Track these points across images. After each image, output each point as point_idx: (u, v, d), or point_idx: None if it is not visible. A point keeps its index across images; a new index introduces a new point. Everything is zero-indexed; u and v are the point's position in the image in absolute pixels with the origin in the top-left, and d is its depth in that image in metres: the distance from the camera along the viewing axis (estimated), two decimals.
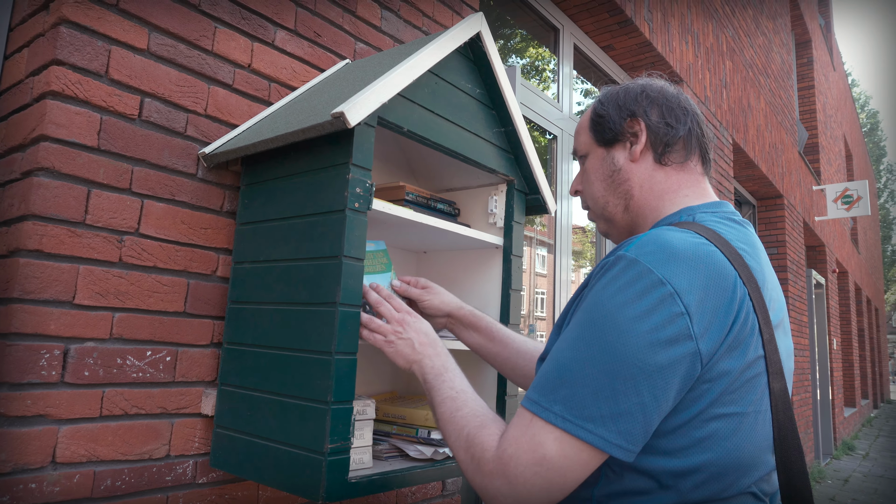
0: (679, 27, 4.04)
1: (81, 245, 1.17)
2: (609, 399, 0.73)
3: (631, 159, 0.98)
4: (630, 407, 0.72)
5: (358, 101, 1.11)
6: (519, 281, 1.57)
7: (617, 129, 0.99)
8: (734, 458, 0.77)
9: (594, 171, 1.02)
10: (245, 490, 1.40)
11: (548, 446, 0.74)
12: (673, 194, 0.96)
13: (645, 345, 0.72)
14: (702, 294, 0.75)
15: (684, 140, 0.97)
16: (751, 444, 0.78)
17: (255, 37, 1.50)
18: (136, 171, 1.26)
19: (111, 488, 1.18)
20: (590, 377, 0.74)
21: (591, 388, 0.73)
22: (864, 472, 7.44)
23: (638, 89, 1.00)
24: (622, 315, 0.74)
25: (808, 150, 9.25)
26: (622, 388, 0.72)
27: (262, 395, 1.21)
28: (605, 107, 1.01)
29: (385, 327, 1.14)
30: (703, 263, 0.76)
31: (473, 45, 1.45)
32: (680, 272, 0.75)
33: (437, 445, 1.34)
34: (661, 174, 0.97)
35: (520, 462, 0.75)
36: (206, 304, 1.36)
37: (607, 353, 0.74)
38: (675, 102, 0.98)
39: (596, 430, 0.73)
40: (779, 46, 7.10)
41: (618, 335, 0.73)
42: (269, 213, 1.30)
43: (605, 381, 0.73)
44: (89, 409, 1.16)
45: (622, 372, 0.72)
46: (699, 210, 0.92)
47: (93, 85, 1.19)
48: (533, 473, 0.74)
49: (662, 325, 0.73)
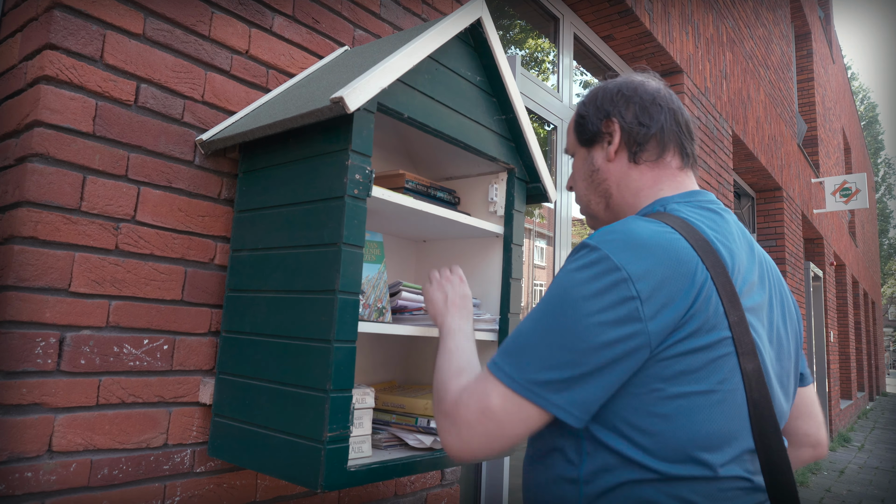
0: (679, 17, 4.02)
1: (77, 232, 1.15)
2: (556, 367, 0.80)
3: (607, 159, 1.01)
4: (575, 375, 0.79)
5: (357, 86, 1.09)
6: (520, 270, 1.56)
7: (594, 130, 1.02)
8: (704, 434, 0.80)
9: (578, 170, 1.07)
10: (243, 479, 1.39)
11: (493, 399, 0.82)
12: (648, 190, 0.99)
13: (594, 323, 0.79)
14: (657, 280, 0.79)
15: (657, 137, 0.99)
16: (720, 421, 0.81)
17: (252, 23, 1.48)
18: (132, 158, 1.24)
19: (108, 477, 1.17)
20: (541, 346, 0.81)
21: (541, 355, 0.81)
22: (860, 464, 7.48)
23: (615, 89, 1.02)
24: (576, 294, 0.81)
25: (807, 142, 9.24)
26: (569, 358, 0.79)
27: (260, 383, 1.20)
28: (586, 107, 1.04)
29: (435, 275, 1.23)
30: (661, 250, 0.81)
31: (474, 31, 1.44)
32: (636, 259, 0.80)
33: (437, 435, 1.33)
34: (635, 172, 1.00)
35: (468, 408, 0.84)
36: (204, 293, 1.35)
37: (559, 326, 0.81)
38: (650, 100, 0.99)
39: (538, 391, 0.80)
40: (778, 38, 7.08)
41: (571, 312, 0.80)
42: (268, 201, 1.28)
43: (555, 351, 0.80)
44: (86, 397, 1.15)
45: (570, 345, 0.79)
46: (672, 200, 0.95)
47: (87, 70, 1.18)
48: (476, 420, 0.83)
49: (612, 307, 0.78)
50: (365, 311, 1.31)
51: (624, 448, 0.82)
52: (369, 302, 1.32)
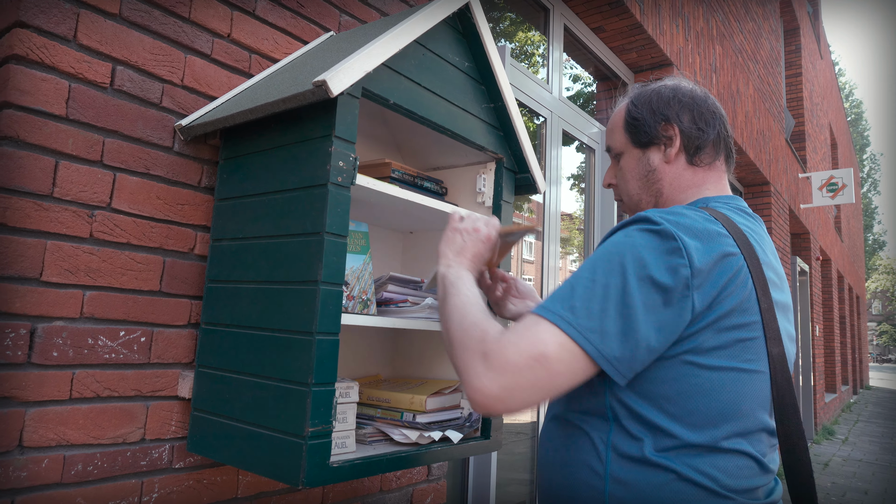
0: (670, 10, 4.00)
1: (49, 219, 1.11)
2: (613, 318, 0.80)
3: (666, 161, 1.05)
4: (628, 329, 0.80)
5: (341, 70, 1.05)
6: (508, 262, 1.53)
7: (652, 133, 1.05)
8: (728, 407, 0.85)
9: (630, 170, 1.08)
10: (224, 475, 1.36)
11: (549, 345, 0.79)
12: (696, 189, 1.05)
13: (652, 283, 0.81)
14: (703, 256, 0.83)
15: (713, 143, 1.05)
16: (745, 397, 0.86)
17: (235, 5, 1.43)
18: (107, 143, 1.20)
19: (82, 473, 1.13)
20: (598, 297, 0.81)
21: (599, 307, 0.80)
22: (844, 457, 7.56)
23: (669, 93, 1.05)
24: (638, 252, 0.83)
25: (795, 137, 9.28)
26: (626, 312, 0.80)
27: (241, 377, 1.17)
28: (639, 110, 1.06)
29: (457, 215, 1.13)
30: (708, 234, 0.86)
31: (462, 17, 1.40)
32: (687, 235, 0.84)
33: (423, 429, 1.31)
34: (688, 173, 1.05)
35: (519, 350, 0.79)
36: (183, 283, 1.31)
37: (617, 280, 0.81)
38: (705, 107, 1.05)
39: (595, 341, 0.79)
40: (768, 33, 7.09)
41: (632, 266, 0.82)
42: (249, 189, 1.24)
43: (612, 303, 0.80)
44: (58, 391, 1.11)
45: (628, 300, 0.80)
46: (713, 200, 1.01)
47: (60, 50, 1.13)
48: (526, 365, 0.78)
49: (669, 270, 0.81)
50: (349, 303, 1.27)
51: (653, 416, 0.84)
52: (354, 294, 1.29)
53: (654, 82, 1.10)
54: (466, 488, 2.47)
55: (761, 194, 6.73)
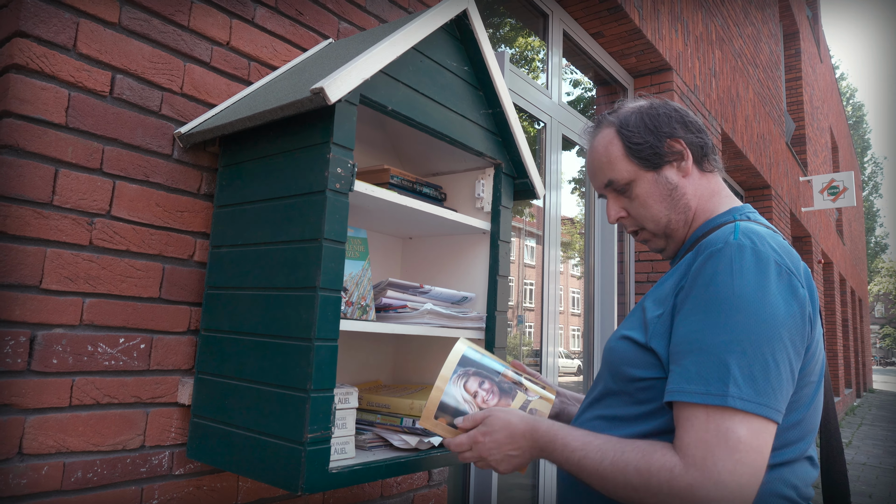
0: (669, 15, 4.01)
1: (48, 227, 1.11)
2: (773, 371, 0.78)
3: (683, 175, 1.04)
4: (785, 374, 0.79)
5: (338, 77, 1.06)
6: (507, 267, 1.54)
7: (661, 153, 1.03)
8: (812, 420, 0.88)
9: (650, 194, 1.04)
10: (224, 481, 1.36)
11: (739, 431, 0.75)
12: (718, 195, 1.05)
13: (786, 316, 0.79)
14: (805, 279, 0.85)
15: (712, 147, 1.07)
16: (818, 409, 0.89)
17: (233, 13, 1.44)
18: (107, 151, 1.20)
19: (82, 480, 1.14)
20: (751, 354, 0.77)
21: (756, 364, 0.77)
22: (848, 461, 7.53)
23: (657, 113, 1.04)
24: (760, 292, 0.79)
25: (795, 140, 9.28)
26: (777, 358, 0.78)
27: (240, 383, 1.17)
28: (637, 134, 1.04)
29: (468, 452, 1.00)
30: (789, 252, 0.87)
31: (460, 23, 1.41)
32: (782, 256, 0.84)
33: (422, 435, 1.31)
34: (705, 181, 1.05)
35: (717, 458, 0.75)
36: (183, 290, 1.31)
37: (758, 329, 0.78)
38: (688, 115, 1.06)
39: (769, 402, 0.77)
40: (767, 37, 7.10)
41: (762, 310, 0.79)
42: (248, 196, 1.25)
43: (763, 355, 0.78)
44: (58, 398, 1.11)
45: (773, 344, 0.78)
46: (746, 210, 1.01)
47: (60, 59, 1.14)
48: (734, 462, 0.74)
49: (793, 298, 0.81)
50: (348, 308, 1.28)
51: None
52: (352, 300, 1.29)
53: (620, 108, 1.07)
54: (468, 493, 2.46)
55: (762, 198, 6.72)
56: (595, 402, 0.99)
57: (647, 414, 0.89)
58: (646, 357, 0.89)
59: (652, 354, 0.88)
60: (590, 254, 3.65)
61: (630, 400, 0.91)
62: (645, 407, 0.89)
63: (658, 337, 0.88)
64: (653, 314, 0.91)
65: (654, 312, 0.91)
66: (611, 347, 0.97)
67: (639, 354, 0.90)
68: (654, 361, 0.88)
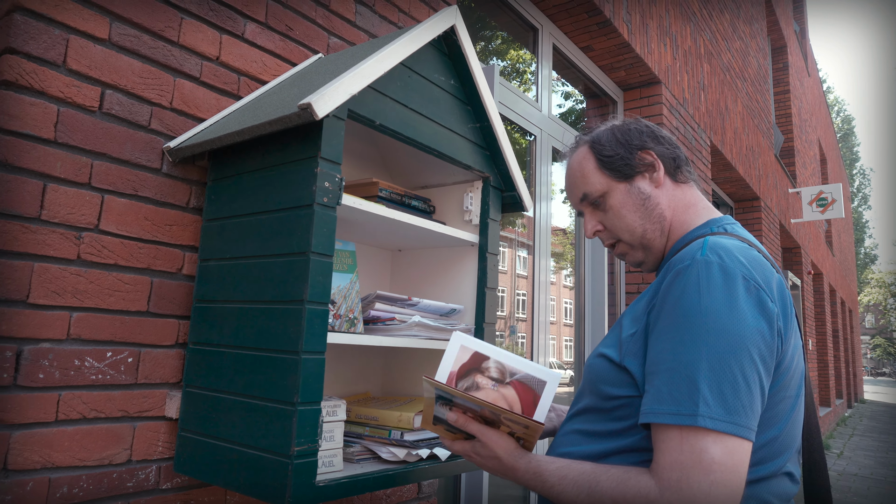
0: (657, 29, 4.06)
1: (36, 241, 1.12)
2: (742, 389, 0.77)
3: (655, 186, 1.05)
4: (756, 391, 0.79)
5: (326, 93, 1.07)
6: (495, 279, 1.55)
7: (632, 164, 1.05)
8: (790, 435, 0.87)
9: (623, 205, 1.06)
10: (212, 495, 1.35)
11: (712, 451, 0.75)
12: (695, 207, 1.06)
13: (754, 332, 0.79)
14: (776, 293, 0.84)
15: (683, 161, 1.08)
16: (797, 423, 0.89)
17: (223, 29, 1.46)
18: (95, 165, 1.21)
19: (68, 496, 1.13)
20: (720, 372, 0.77)
21: (726, 382, 0.77)
22: (839, 471, 7.54)
23: (626, 127, 1.08)
24: (728, 309, 0.79)
25: (784, 153, 9.38)
26: (747, 375, 0.78)
27: (228, 396, 1.17)
28: (608, 147, 1.07)
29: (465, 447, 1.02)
30: (762, 264, 0.86)
31: (448, 39, 1.43)
32: (760, 273, 0.84)
33: (411, 447, 1.31)
34: (679, 192, 1.07)
35: (692, 480, 0.75)
36: (171, 303, 1.32)
37: (726, 346, 0.78)
38: (660, 132, 1.08)
39: (740, 421, 0.77)
40: (755, 51, 7.19)
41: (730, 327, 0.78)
42: (237, 209, 1.26)
43: (732, 372, 0.77)
44: (44, 413, 1.11)
45: (742, 361, 0.78)
46: (724, 223, 1.01)
47: (49, 75, 1.15)
48: (710, 483, 0.74)
49: (762, 314, 0.81)
50: (336, 321, 1.28)
51: None
52: (340, 312, 1.30)
53: (594, 129, 1.11)
54: None
55: (752, 209, 6.78)
56: (575, 415, 1.00)
57: (622, 430, 0.90)
58: (620, 375, 0.90)
59: (626, 373, 0.89)
60: (580, 265, 3.68)
61: (606, 416, 0.92)
62: (620, 424, 0.90)
63: (631, 356, 0.89)
64: (627, 332, 0.92)
65: (628, 331, 0.92)
66: (589, 364, 0.98)
67: (613, 373, 0.91)
68: (629, 380, 0.89)
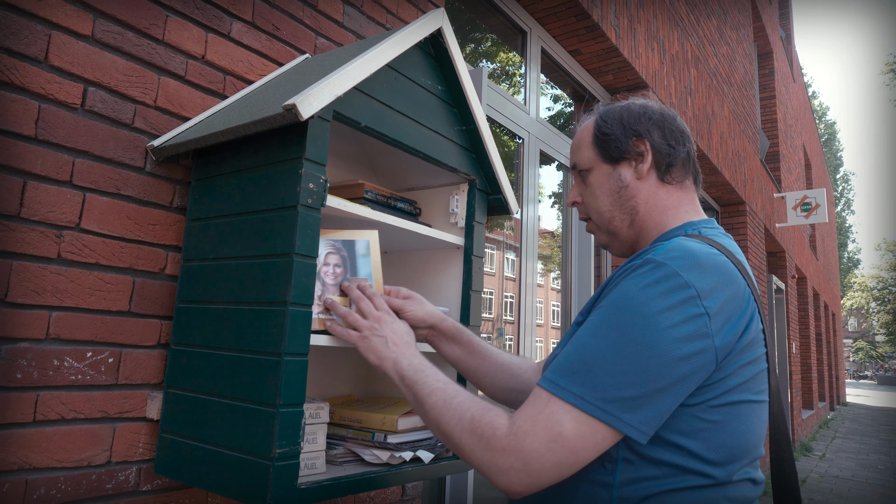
0: (645, 34, 4.09)
1: (15, 240, 1.10)
2: (630, 384, 0.78)
3: (637, 177, 1.03)
4: (649, 392, 0.78)
5: (311, 94, 1.07)
6: (480, 282, 1.55)
7: (623, 148, 1.03)
8: (742, 441, 0.85)
9: (599, 186, 1.06)
10: (192, 497, 1.34)
11: (565, 425, 0.78)
12: (674, 210, 1.03)
13: (669, 338, 0.78)
14: (721, 298, 0.83)
15: (683, 161, 1.04)
16: (755, 429, 0.88)
17: (209, 27, 1.45)
18: (77, 163, 1.20)
19: (45, 497, 1.12)
20: (612, 362, 0.79)
21: (613, 372, 0.78)
22: (821, 473, 7.63)
23: (639, 110, 1.05)
24: (649, 308, 0.80)
25: (769, 158, 9.48)
26: (644, 375, 0.78)
27: (210, 397, 1.16)
28: (609, 125, 1.05)
29: (361, 322, 1.13)
30: (720, 270, 0.85)
31: (434, 41, 1.43)
32: (701, 276, 0.82)
33: (394, 450, 1.30)
34: (663, 192, 1.03)
35: (536, 438, 0.78)
36: (153, 304, 1.30)
37: (633, 341, 0.79)
38: (675, 125, 1.05)
39: (613, 411, 0.77)
40: (742, 56, 7.27)
41: (644, 326, 0.79)
42: (221, 210, 1.25)
43: (628, 366, 0.78)
44: (21, 413, 1.10)
45: (645, 360, 0.78)
46: (701, 225, 1.00)
47: (30, 71, 1.13)
48: (547, 449, 0.77)
49: (685, 322, 0.79)
50: None
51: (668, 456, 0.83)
52: None
53: (623, 100, 1.09)
54: None
55: (737, 213, 6.85)
56: None
57: None
58: None
59: None
60: (567, 267, 3.69)
61: None
62: None
63: None
64: (574, 322, 0.95)
65: (575, 321, 0.94)
66: None
67: None
68: None
